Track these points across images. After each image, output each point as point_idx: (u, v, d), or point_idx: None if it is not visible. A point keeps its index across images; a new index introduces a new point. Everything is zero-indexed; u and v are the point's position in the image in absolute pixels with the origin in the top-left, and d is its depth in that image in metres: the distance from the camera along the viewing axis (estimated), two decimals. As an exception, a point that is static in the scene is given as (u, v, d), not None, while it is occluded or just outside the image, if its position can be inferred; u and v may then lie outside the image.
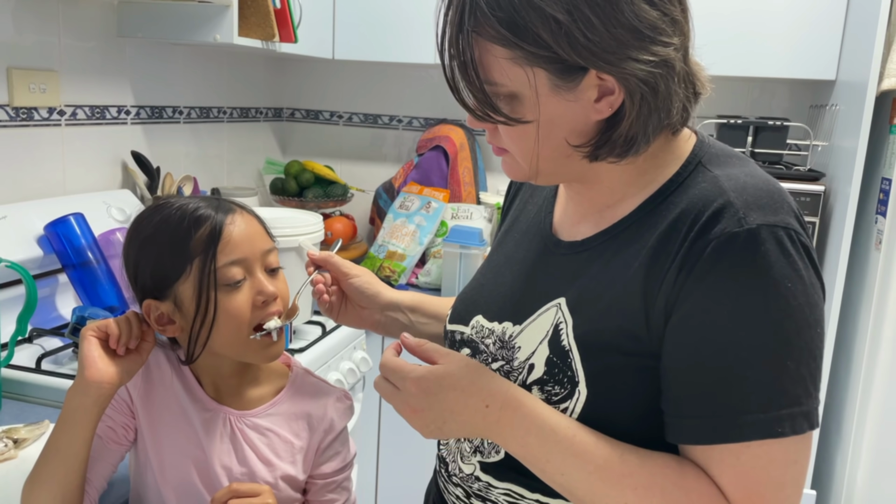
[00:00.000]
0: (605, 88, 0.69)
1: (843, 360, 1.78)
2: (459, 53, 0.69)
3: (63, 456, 0.81)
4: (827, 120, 1.89)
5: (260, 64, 2.47)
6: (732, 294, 0.66)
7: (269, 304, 0.87)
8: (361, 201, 2.53)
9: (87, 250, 1.49)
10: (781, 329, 0.66)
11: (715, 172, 0.73)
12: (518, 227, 0.92)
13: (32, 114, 1.57)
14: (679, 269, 0.68)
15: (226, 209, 0.88)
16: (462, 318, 0.89)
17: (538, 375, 0.75)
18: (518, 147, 0.74)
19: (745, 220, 0.66)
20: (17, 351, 1.29)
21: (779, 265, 0.66)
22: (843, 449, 1.74)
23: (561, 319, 0.76)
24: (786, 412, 0.66)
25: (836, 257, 1.69)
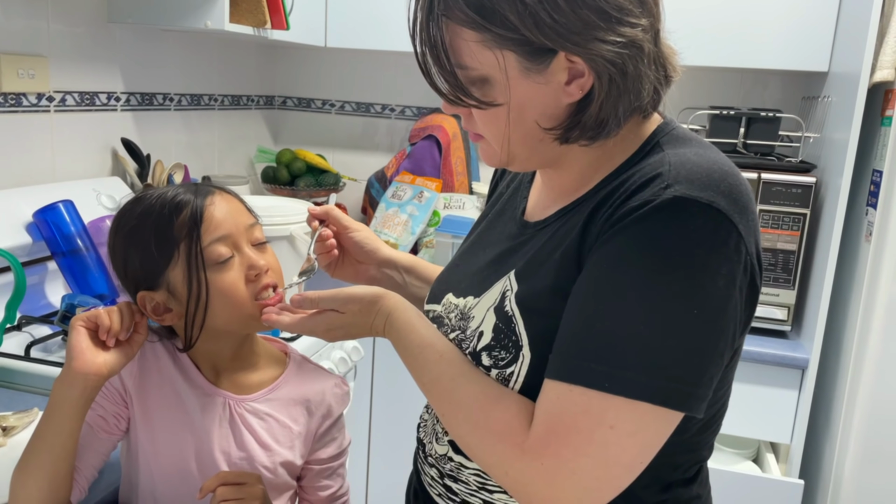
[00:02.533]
0: (575, 71, 0.70)
1: (832, 350, 1.79)
2: (430, 37, 0.71)
3: (50, 445, 0.81)
4: (819, 111, 1.90)
5: (251, 51, 2.45)
6: (622, 257, 0.67)
7: (261, 277, 0.88)
8: (353, 190, 2.52)
9: (77, 238, 1.48)
10: (648, 297, 0.65)
11: (667, 150, 0.73)
12: (497, 210, 0.94)
13: (21, 100, 1.55)
14: (600, 232, 0.70)
15: (204, 192, 0.88)
16: (436, 298, 0.91)
17: (486, 342, 0.78)
18: (491, 131, 0.76)
19: (665, 190, 0.66)
20: (6, 339, 1.28)
21: (674, 238, 0.65)
22: (830, 439, 1.75)
23: (508, 288, 0.79)
24: (618, 374, 0.65)
25: (826, 249, 1.70)
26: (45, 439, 0.81)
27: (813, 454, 1.87)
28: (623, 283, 0.66)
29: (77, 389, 0.80)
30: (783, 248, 1.79)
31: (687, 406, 0.66)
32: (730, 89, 2.22)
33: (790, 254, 1.79)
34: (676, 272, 0.65)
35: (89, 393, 0.82)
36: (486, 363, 0.77)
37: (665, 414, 0.66)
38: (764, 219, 1.79)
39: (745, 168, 1.81)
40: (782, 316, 1.82)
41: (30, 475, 0.81)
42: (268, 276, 0.89)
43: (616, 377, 0.65)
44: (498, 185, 0.99)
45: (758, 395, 1.79)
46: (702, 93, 2.23)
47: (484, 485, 0.81)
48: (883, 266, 1.62)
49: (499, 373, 0.76)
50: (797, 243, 1.78)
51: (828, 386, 1.81)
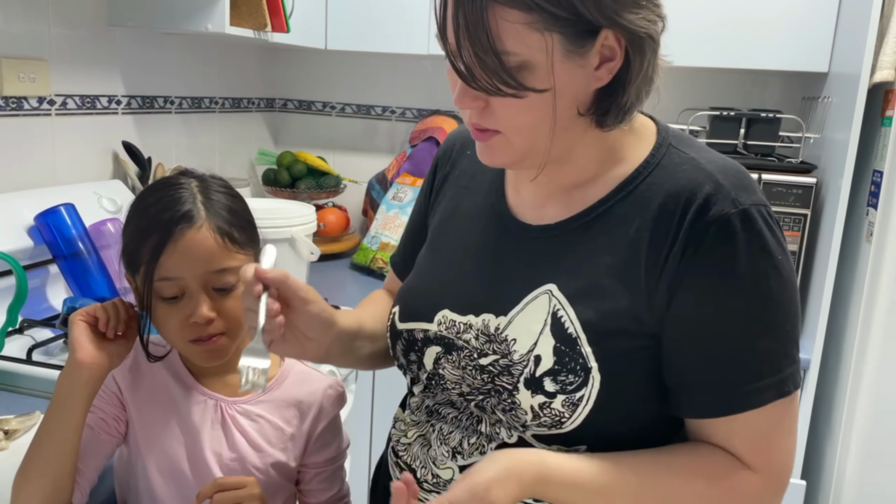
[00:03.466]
0: (606, 54, 0.69)
1: (833, 351, 1.79)
2: (469, 21, 0.65)
3: (55, 441, 0.82)
4: (819, 112, 1.90)
5: (252, 54, 2.45)
6: (736, 270, 0.70)
7: (201, 326, 0.85)
8: (354, 192, 2.52)
9: (78, 241, 1.48)
10: (780, 298, 0.72)
11: (691, 154, 0.76)
12: (463, 214, 0.88)
13: (22, 103, 1.55)
14: (682, 252, 0.71)
15: (191, 218, 0.84)
16: (422, 315, 0.84)
17: (549, 366, 0.74)
18: (519, 123, 0.71)
19: (738, 202, 0.71)
20: (8, 342, 1.28)
21: (771, 240, 0.71)
22: (832, 440, 1.75)
23: (558, 306, 0.75)
24: (788, 371, 0.72)
25: (827, 249, 1.70)
26: (51, 435, 0.82)
27: (814, 455, 1.87)
28: (745, 296, 0.71)
29: (82, 380, 0.82)
30: (784, 248, 1.79)
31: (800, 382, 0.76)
32: (730, 90, 2.22)
33: (791, 254, 1.79)
34: (786, 269, 0.72)
35: (94, 385, 0.83)
36: (551, 389, 0.74)
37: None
38: (765, 219, 1.79)
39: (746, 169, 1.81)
40: (783, 316, 1.82)
41: (33, 476, 0.81)
42: (212, 327, 0.86)
43: (788, 378, 0.73)
44: (445, 183, 0.92)
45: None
46: (702, 93, 2.23)
47: None
48: (884, 266, 1.62)
49: (566, 398, 0.73)
50: (798, 244, 1.78)
51: (829, 386, 1.81)
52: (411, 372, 0.87)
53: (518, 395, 0.75)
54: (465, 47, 0.66)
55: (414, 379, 0.87)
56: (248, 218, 0.91)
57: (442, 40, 0.69)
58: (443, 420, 0.83)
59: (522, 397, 0.75)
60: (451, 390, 0.82)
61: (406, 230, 1.01)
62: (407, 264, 0.96)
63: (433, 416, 0.85)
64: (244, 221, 0.89)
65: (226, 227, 0.86)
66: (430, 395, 0.85)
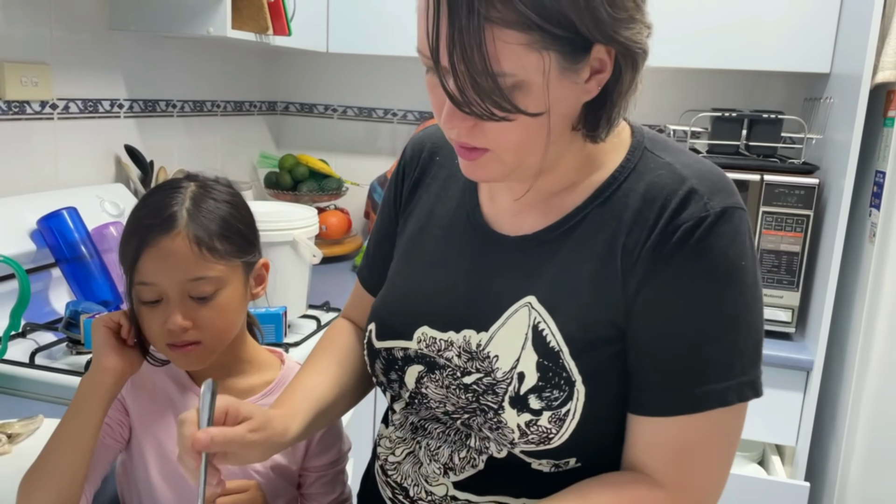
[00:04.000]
0: (597, 66, 0.68)
1: (836, 353, 1.78)
2: (465, 41, 0.62)
3: (73, 444, 0.82)
4: (821, 113, 1.90)
5: (254, 57, 2.46)
6: (696, 275, 0.70)
7: (177, 333, 0.85)
8: (356, 195, 2.52)
9: (81, 244, 1.48)
10: (736, 305, 0.71)
11: (667, 159, 0.75)
12: (437, 224, 0.85)
13: (24, 107, 1.56)
14: (651, 253, 0.71)
15: (169, 225, 0.84)
16: (400, 333, 0.82)
17: (533, 383, 0.73)
18: (510, 142, 0.69)
19: (710, 205, 0.70)
20: (11, 346, 1.29)
21: (736, 245, 0.70)
22: (836, 441, 1.75)
23: (539, 319, 0.74)
24: (733, 382, 0.71)
25: (829, 250, 1.70)
26: (69, 438, 0.83)
27: (818, 456, 1.86)
28: (714, 301, 0.70)
29: (106, 385, 0.85)
30: (787, 249, 1.79)
31: (761, 391, 0.73)
32: (732, 91, 2.22)
33: (794, 255, 1.79)
34: (749, 276, 0.71)
35: (116, 389, 0.86)
36: (536, 406, 0.73)
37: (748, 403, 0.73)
38: (767, 220, 1.79)
39: (748, 170, 1.81)
40: (786, 318, 1.82)
41: (46, 478, 0.82)
42: (187, 335, 0.85)
43: (734, 388, 0.71)
44: (415, 191, 0.89)
45: (763, 397, 1.79)
46: (703, 95, 2.23)
47: None
48: (886, 267, 1.61)
49: (552, 414, 0.72)
50: (801, 245, 1.78)
51: (833, 387, 1.80)
52: (392, 390, 0.84)
53: (504, 414, 0.74)
54: (459, 69, 0.63)
55: (395, 396, 0.85)
56: (240, 227, 0.89)
57: (432, 60, 0.65)
58: (429, 436, 0.82)
59: (508, 416, 0.74)
60: (435, 409, 0.80)
61: (372, 241, 0.96)
62: (377, 277, 0.91)
63: (418, 433, 0.83)
64: (233, 231, 0.87)
65: (204, 237, 0.84)
66: (413, 412, 0.83)
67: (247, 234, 0.90)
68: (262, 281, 0.95)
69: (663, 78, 2.22)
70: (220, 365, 0.93)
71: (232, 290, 0.88)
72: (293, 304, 1.56)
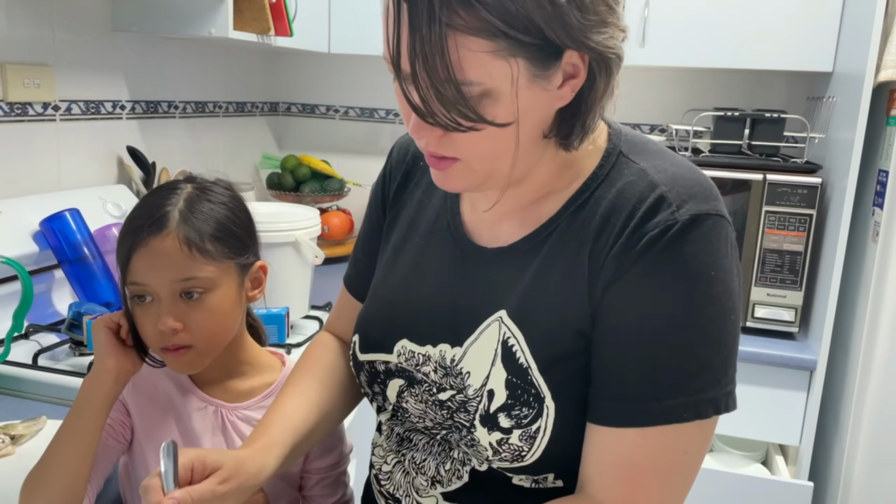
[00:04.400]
0: (570, 72, 0.65)
1: (840, 351, 1.78)
2: (427, 50, 0.60)
3: (77, 445, 0.83)
4: (824, 112, 1.89)
5: (255, 58, 2.46)
6: (657, 283, 0.67)
7: (167, 336, 0.85)
8: (358, 196, 2.52)
9: (83, 246, 1.48)
10: (699, 317, 0.67)
11: (641, 165, 0.72)
12: (418, 231, 0.83)
13: (27, 109, 1.56)
14: (615, 261, 0.68)
15: (160, 226, 0.84)
16: (381, 346, 0.80)
17: (502, 401, 0.71)
18: (480, 152, 0.67)
19: (678, 212, 0.67)
20: (14, 347, 1.29)
21: (704, 254, 0.67)
22: (840, 441, 1.74)
23: (508, 334, 0.72)
24: (691, 399, 0.67)
25: (832, 250, 1.69)
26: (72, 440, 0.83)
27: (822, 456, 1.86)
28: (674, 311, 0.67)
29: (108, 385, 0.85)
30: (790, 249, 1.79)
31: (734, 405, 0.69)
32: (734, 90, 2.22)
33: (797, 255, 1.78)
34: (716, 287, 0.67)
35: (118, 389, 0.86)
36: (506, 424, 0.71)
37: (717, 418, 0.69)
38: (770, 220, 1.79)
39: (751, 169, 1.81)
40: (790, 317, 1.82)
41: (49, 479, 0.82)
42: (178, 338, 0.85)
43: (691, 404, 0.67)
44: (401, 194, 0.87)
45: (766, 397, 1.79)
46: (706, 94, 2.22)
47: None
48: (890, 266, 1.61)
49: (523, 432, 0.70)
50: (804, 244, 1.78)
51: (836, 387, 1.80)
52: (377, 401, 0.84)
53: (476, 433, 0.73)
54: (421, 78, 0.61)
55: (380, 408, 0.84)
56: (234, 229, 0.88)
57: (395, 70, 0.63)
58: (414, 448, 0.81)
59: (480, 434, 0.73)
60: (416, 423, 0.80)
61: (359, 245, 0.94)
62: (364, 282, 0.90)
63: (404, 445, 0.82)
64: (226, 232, 0.87)
65: (195, 238, 0.84)
66: (398, 424, 0.83)
67: (241, 237, 0.89)
68: (259, 284, 0.94)
69: (666, 77, 2.22)
70: (220, 367, 0.93)
71: (224, 292, 0.87)
72: (295, 304, 1.56)
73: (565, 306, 0.71)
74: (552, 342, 0.71)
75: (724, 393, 0.68)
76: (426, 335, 0.78)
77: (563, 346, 0.70)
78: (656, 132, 2.27)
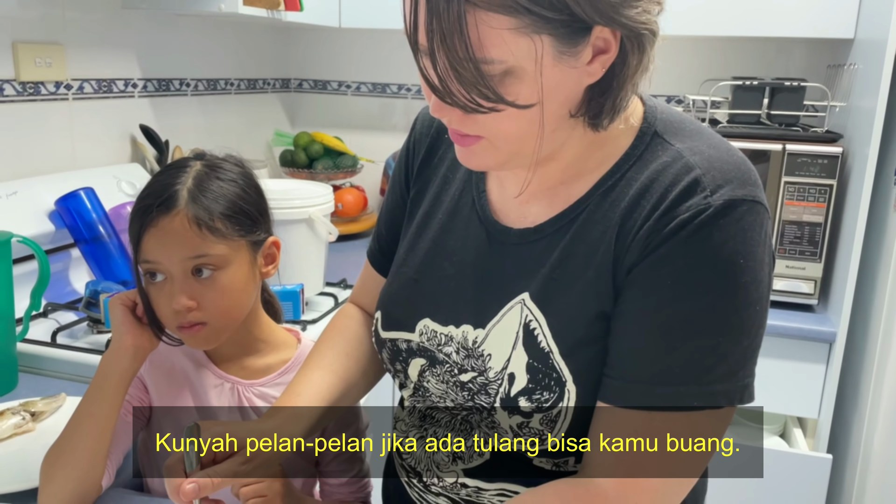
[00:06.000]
0: (600, 46, 0.63)
1: (860, 324, 1.76)
2: (445, 28, 0.58)
3: (96, 421, 0.84)
4: (845, 80, 1.85)
5: (266, 34, 2.44)
6: (682, 267, 0.65)
7: (181, 314, 0.85)
8: (371, 172, 2.51)
9: (99, 224, 1.49)
10: (722, 306, 0.65)
11: (676, 146, 0.69)
12: (442, 209, 0.82)
13: (39, 88, 1.56)
14: (642, 243, 0.66)
15: (169, 205, 0.84)
16: (402, 324, 0.80)
17: (522, 385, 0.70)
18: (506, 130, 0.65)
19: (712, 197, 0.65)
20: (32, 325, 1.30)
21: (735, 241, 0.64)
22: (859, 413, 1.73)
23: (530, 317, 0.71)
24: (706, 389, 0.65)
25: (853, 220, 1.67)
26: (92, 416, 0.84)
27: (841, 429, 1.85)
28: (697, 297, 0.65)
29: (127, 361, 0.86)
30: (809, 220, 1.76)
31: (752, 397, 0.68)
32: (752, 59, 2.18)
33: (816, 226, 1.76)
34: (745, 276, 0.65)
35: (136, 366, 0.87)
36: (527, 408, 0.70)
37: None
38: (789, 191, 1.76)
39: (770, 139, 1.78)
40: (809, 289, 1.79)
41: (69, 455, 0.83)
42: (192, 315, 0.85)
43: (704, 394, 0.65)
44: (424, 169, 0.85)
45: (785, 369, 1.77)
46: (724, 63, 2.18)
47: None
48: (912, 237, 1.58)
49: (543, 416, 0.70)
50: (823, 215, 1.75)
51: (856, 359, 1.78)
52: (399, 378, 0.83)
53: (496, 416, 0.73)
54: (439, 57, 0.59)
55: (402, 385, 0.84)
56: (244, 206, 0.88)
57: (413, 48, 0.61)
58: (437, 424, 0.81)
59: (500, 417, 0.72)
60: (437, 403, 0.79)
61: (382, 219, 0.92)
62: (388, 257, 0.89)
63: (426, 421, 0.82)
64: (236, 209, 0.87)
65: (204, 216, 0.84)
66: (419, 401, 0.82)
67: (252, 213, 0.89)
68: (272, 260, 0.94)
69: (682, 47, 2.18)
70: (236, 344, 0.93)
71: (236, 268, 0.87)
72: (310, 281, 1.56)
73: (588, 290, 0.69)
74: (574, 326, 0.69)
75: (741, 385, 0.67)
76: (449, 315, 0.77)
77: (585, 330, 0.69)
78: (673, 103, 2.23)
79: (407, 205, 0.87)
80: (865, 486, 1.70)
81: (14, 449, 0.98)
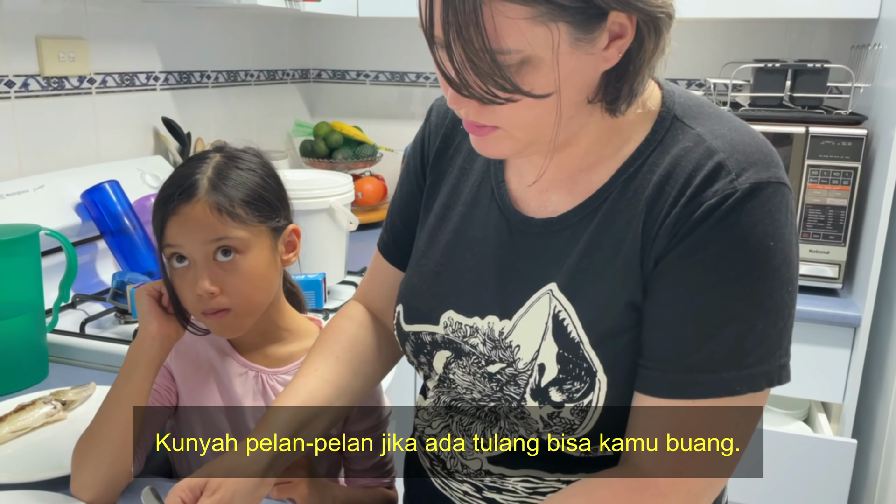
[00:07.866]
0: (616, 31, 0.62)
1: (885, 308, 1.74)
2: (461, 20, 0.57)
3: (125, 409, 0.85)
4: (869, 60, 1.82)
5: (285, 24, 2.45)
6: (714, 253, 0.65)
7: (205, 299, 0.86)
8: (391, 161, 2.52)
9: (124, 216, 1.51)
10: (757, 289, 0.65)
11: (697, 130, 0.69)
12: (461, 200, 0.81)
13: (63, 83, 1.58)
14: (670, 231, 0.66)
15: (190, 194, 0.86)
16: (426, 317, 0.80)
17: (553, 375, 0.71)
18: (523, 119, 0.65)
19: (738, 181, 0.65)
20: (61, 316, 1.32)
21: (763, 224, 0.64)
22: (884, 398, 1.72)
23: (559, 308, 0.71)
24: (746, 372, 0.65)
25: (878, 203, 1.65)
26: (120, 403, 0.85)
27: (866, 413, 1.83)
28: (732, 282, 0.65)
29: (155, 350, 0.87)
30: (833, 203, 1.74)
31: (789, 377, 0.68)
32: (774, 40, 2.15)
33: (840, 209, 1.74)
34: (776, 258, 0.65)
35: (163, 355, 0.88)
36: (558, 399, 0.70)
37: (769, 391, 0.67)
38: (813, 174, 1.74)
39: (793, 122, 1.75)
40: (833, 273, 1.78)
41: (99, 443, 0.84)
42: (216, 302, 0.87)
43: (744, 378, 0.66)
44: (440, 159, 0.84)
45: (809, 354, 1.76)
46: (745, 45, 2.16)
47: (535, 489, 0.77)
48: (939, 219, 1.56)
49: (574, 406, 0.70)
50: (848, 198, 1.73)
51: (881, 343, 1.76)
52: (423, 371, 0.83)
53: (526, 406, 0.73)
54: (455, 49, 0.59)
55: (426, 376, 0.84)
56: (263, 194, 0.89)
57: (429, 41, 0.61)
58: (462, 413, 0.81)
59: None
60: (463, 394, 0.79)
61: (394, 209, 0.90)
62: (401, 247, 0.89)
63: (452, 410, 0.83)
64: (255, 197, 0.88)
65: (225, 203, 0.86)
66: (444, 392, 0.83)
67: (271, 201, 0.90)
68: (293, 247, 0.95)
69: (703, 30, 2.16)
70: (260, 333, 0.94)
71: (257, 254, 0.88)
72: (332, 270, 1.57)
73: (617, 279, 0.69)
74: (604, 316, 0.69)
75: (779, 366, 0.67)
76: (473, 307, 0.77)
77: (615, 319, 0.69)
78: (693, 87, 2.21)
79: (423, 196, 0.87)
80: (890, 470, 1.68)
81: (46, 437, 1.00)
